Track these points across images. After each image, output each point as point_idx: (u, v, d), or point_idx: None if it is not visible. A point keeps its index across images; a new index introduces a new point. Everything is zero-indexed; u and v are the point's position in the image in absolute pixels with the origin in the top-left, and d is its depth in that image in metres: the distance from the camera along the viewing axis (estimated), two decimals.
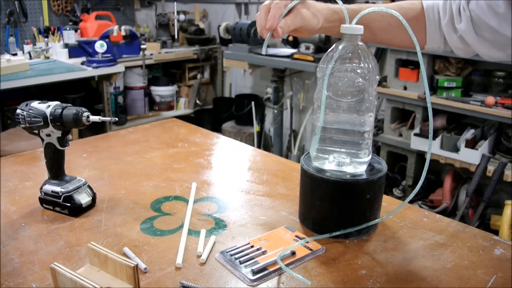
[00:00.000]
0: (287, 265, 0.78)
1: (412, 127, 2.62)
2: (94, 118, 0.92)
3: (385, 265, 0.78)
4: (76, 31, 3.34)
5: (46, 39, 3.23)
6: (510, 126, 2.31)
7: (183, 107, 3.95)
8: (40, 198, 0.98)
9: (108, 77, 3.12)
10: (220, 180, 1.15)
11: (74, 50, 3.25)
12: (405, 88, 2.55)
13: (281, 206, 1.00)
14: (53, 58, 3.17)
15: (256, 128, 3.44)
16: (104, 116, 2.62)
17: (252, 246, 0.82)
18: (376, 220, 0.87)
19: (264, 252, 0.81)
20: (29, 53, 3.11)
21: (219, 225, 0.92)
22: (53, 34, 3.28)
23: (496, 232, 2.12)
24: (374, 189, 0.85)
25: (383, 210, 0.95)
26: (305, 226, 0.91)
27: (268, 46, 0.85)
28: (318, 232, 0.88)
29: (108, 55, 3.03)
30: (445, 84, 2.42)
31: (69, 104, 0.93)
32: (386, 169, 0.88)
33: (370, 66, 0.83)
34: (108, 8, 3.74)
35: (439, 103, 2.39)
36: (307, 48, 2.81)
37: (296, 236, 0.86)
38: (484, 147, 2.29)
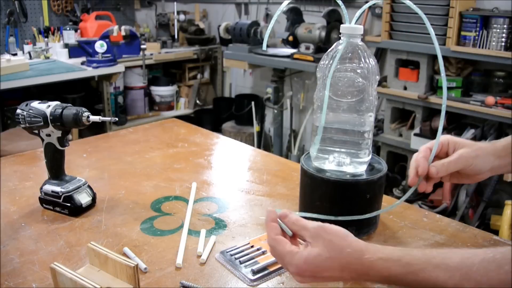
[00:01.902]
0: None
1: (412, 127, 2.62)
2: (94, 118, 0.92)
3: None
4: (76, 31, 3.33)
5: (46, 39, 3.22)
6: (510, 126, 2.31)
7: (183, 107, 3.95)
8: (40, 198, 0.98)
9: (108, 77, 3.11)
10: (220, 180, 1.15)
11: (74, 50, 3.25)
12: (405, 88, 2.55)
13: (281, 206, 1.00)
14: (53, 58, 3.17)
15: (256, 128, 3.44)
16: (104, 116, 2.62)
17: (252, 246, 0.82)
18: (375, 212, 0.87)
19: (264, 252, 0.81)
20: (29, 53, 3.11)
21: (219, 225, 0.92)
22: (53, 34, 3.28)
23: (496, 232, 2.12)
24: (374, 189, 0.85)
25: None
26: None
27: (268, 46, 0.85)
28: None
29: (108, 55, 3.03)
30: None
31: (69, 104, 0.93)
32: (386, 169, 0.88)
33: (370, 66, 0.83)
34: (108, 8, 3.73)
35: (439, 103, 2.39)
36: (307, 48, 2.80)
37: None
38: None
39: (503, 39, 2.16)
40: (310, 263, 0.60)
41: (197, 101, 4.00)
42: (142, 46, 3.31)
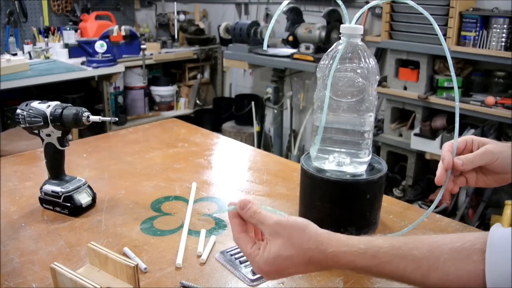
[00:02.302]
0: None
1: (412, 127, 2.62)
2: (94, 118, 0.92)
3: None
4: (76, 31, 3.33)
5: (46, 39, 3.22)
6: (510, 126, 2.31)
7: (183, 107, 3.95)
8: (40, 198, 0.98)
9: (108, 77, 3.11)
10: (220, 180, 1.15)
11: (74, 50, 3.25)
12: (405, 88, 2.55)
13: (281, 206, 1.00)
14: (53, 58, 3.17)
15: (256, 128, 3.44)
16: (104, 116, 2.62)
17: None
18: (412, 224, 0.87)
19: None
20: (29, 53, 3.11)
21: (219, 225, 0.92)
22: (53, 34, 3.28)
23: None
24: (374, 189, 0.85)
25: (383, 210, 0.95)
26: None
27: (268, 46, 0.85)
28: None
29: (108, 55, 3.03)
30: (445, 84, 2.42)
31: (69, 104, 0.93)
32: (386, 169, 0.88)
33: (370, 66, 0.83)
34: (108, 8, 3.73)
35: (439, 103, 2.39)
36: (307, 48, 2.80)
37: None
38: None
39: (503, 39, 2.16)
40: (271, 264, 0.59)
41: (197, 101, 4.00)
42: (142, 46, 3.31)
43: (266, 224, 0.61)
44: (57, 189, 0.94)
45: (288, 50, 2.98)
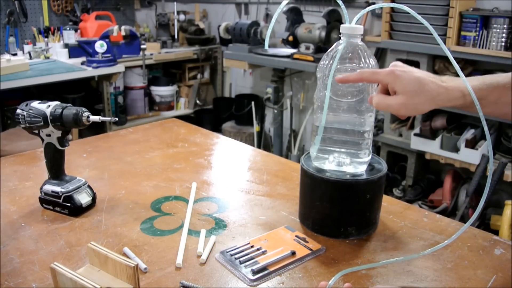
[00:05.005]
0: (287, 265, 0.78)
1: (412, 127, 2.62)
2: (94, 118, 0.92)
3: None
4: (76, 31, 3.33)
5: (46, 39, 3.23)
6: (510, 126, 2.31)
7: (183, 107, 3.95)
8: (40, 198, 0.98)
9: (108, 77, 3.11)
10: (220, 180, 1.15)
11: (74, 50, 3.25)
12: None
13: (281, 206, 1.00)
14: (53, 58, 3.17)
15: (256, 128, 3.44)
16: (104, 116, 2.62)
17: (252, 246, 0.82)
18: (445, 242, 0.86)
19: (264, 252, 0.81)
20: (29, 53, 3.11)
21: (219, 225, 0.92)
22: (53, 34, 3.28)
23: (496, 232, 2.12)
24: (374, 189, 0.85)
25: (383, 210, 0.95)
26: (305, 226, 0.91)
27: (268, 46, 0.85)
28: (318, 232, 0.88)
29: (108, 55, 3.03)
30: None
31: (69, 104, 0.93)
32: (386, 169, 0.88)
33: (370, 66, 0.83)
34: (108, 8, 3.74)
35: None
36: (307, 48, 2.80)
37: (296, 236, 0.86)
38: (484, 147, 2.29)
39: (503, 39, 2.16)
40: None
41: (197, 101, 4.00)
42: (142, 46, 3.31)
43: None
44: (57, 189, 0.94)
45: (288, 50, 2.98)
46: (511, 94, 0.73)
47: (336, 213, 0.86)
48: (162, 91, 3.80)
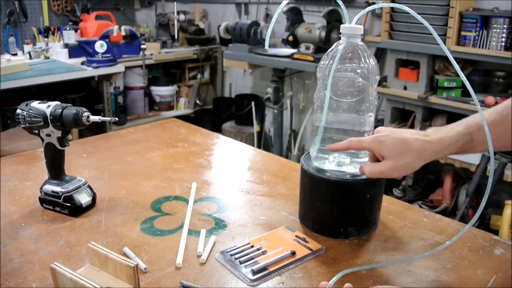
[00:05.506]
0: (287, 265, 0.78)
1: (412, 127, 2.62)
2: (94, 118, 0.92)
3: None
4: (76, 31, 3.33)
5: (46, 39, 3.23)
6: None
7: (183, 107, 3.95)
8: (40, 198, 0.98)
9: (108, 77, 3.11)
10: (220, 180, 1.15)
11: (74, 50, 3.25)
12: (405, 88, 2.55)
13: (281, 206, 1.00)
14: (53, 58, 3.17)
15: (256, 128, 3.44)
16: (104, 116, 2.62)
17: (252, 246, 0.82)
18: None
19: (264, 252, 0.81)
20: (29, 53, 3.11)
21: (219, 225, 0.92)
22: (53, 34, 3.28)
23: (496, 232, 2.12)
24: (374, 189, 0.85)
25: (383, 210, 0.95)
26: (305, 226, 0.91)
27: (268, 46, 0.85)
28: (318, 232, 0.88)
29: (108, 55, 3.03)
30: (445, 84, 2.42)
31: (69, 104, 0.93)
32: None
33: (370, 66, 0.83)
34: (108, 8, 3.74)
35: (439, 103, 2.39)
36: (307, 48, 2.80)
37: (296, 236, 0.86)
38: None
39: (503, 39, 2.16)
40: None
41: (197, 101, 4.00)
42: (142, 46, 3.31)
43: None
44: (57, 189, 0.94)
45: (288, 50, 2.98)
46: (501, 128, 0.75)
47: (336, 213, 0.86)
48: (162, 91, 3.80)
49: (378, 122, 2.78)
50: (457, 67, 0.74)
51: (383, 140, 0.77)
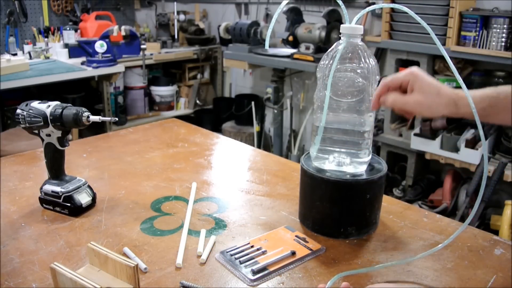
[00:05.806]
0: (287, 265, 0.78)
1: (412, 127, 2.62)
2: (94, 118, 0.92)
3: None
4: (76, 31, 3.33)
5: (46, 39, 3.22)
6: (510, 126, 2.31)
7: (183, 107, 3.95)
8: (40, 198, 0.98)
9: (108, 77, 3.11)
10: (220, 180, 1.15)
11: (74, 50, 3.25)
12: None
13: (281, 206, 1.00)
14: (53, 58, 3.17)
15: (256, 128, 3.44)
16: (104, 116, 2.62)
17: (252, 246, 0.82)
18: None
19: (264, 252, 0.81)
20: (29, 53, 3.11)
21: (219, 225, 0.92)
22: (53, 34, 3.28)
23: (496, 232, 2.12)
24: (374, 189, 0.85)
25: (383, 210, 0.95)
26: (305, 226, 0.91)
27: (268, 46, 0.85)
28: (318, 232, 0.88)
29: (108, 55, 3.03)
30: (445, 84, 2.41)
31: (69, 104, 0.93)
32: (386, 169, 0.88)
33: (370, 66, 0.83)
34: (108, 8, 3.74)
35: None
36: (307, 48, 2.80)
37: (296, 236, 0.86)
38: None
39: (503, 39, 2.16)
40: None
41: (197, 101, 4.00)
42: (142, 46, 3.31)
43: None
44: (57, 189, 0.94)
45: (288, 50, 2.98)
46: None
47: (336, 213, 0.86)
48: (162, 91, 3.80)
49: (378, 122, 2.78)
50: (452, 66, 0.75)
51: (419, 75, 0.79)
